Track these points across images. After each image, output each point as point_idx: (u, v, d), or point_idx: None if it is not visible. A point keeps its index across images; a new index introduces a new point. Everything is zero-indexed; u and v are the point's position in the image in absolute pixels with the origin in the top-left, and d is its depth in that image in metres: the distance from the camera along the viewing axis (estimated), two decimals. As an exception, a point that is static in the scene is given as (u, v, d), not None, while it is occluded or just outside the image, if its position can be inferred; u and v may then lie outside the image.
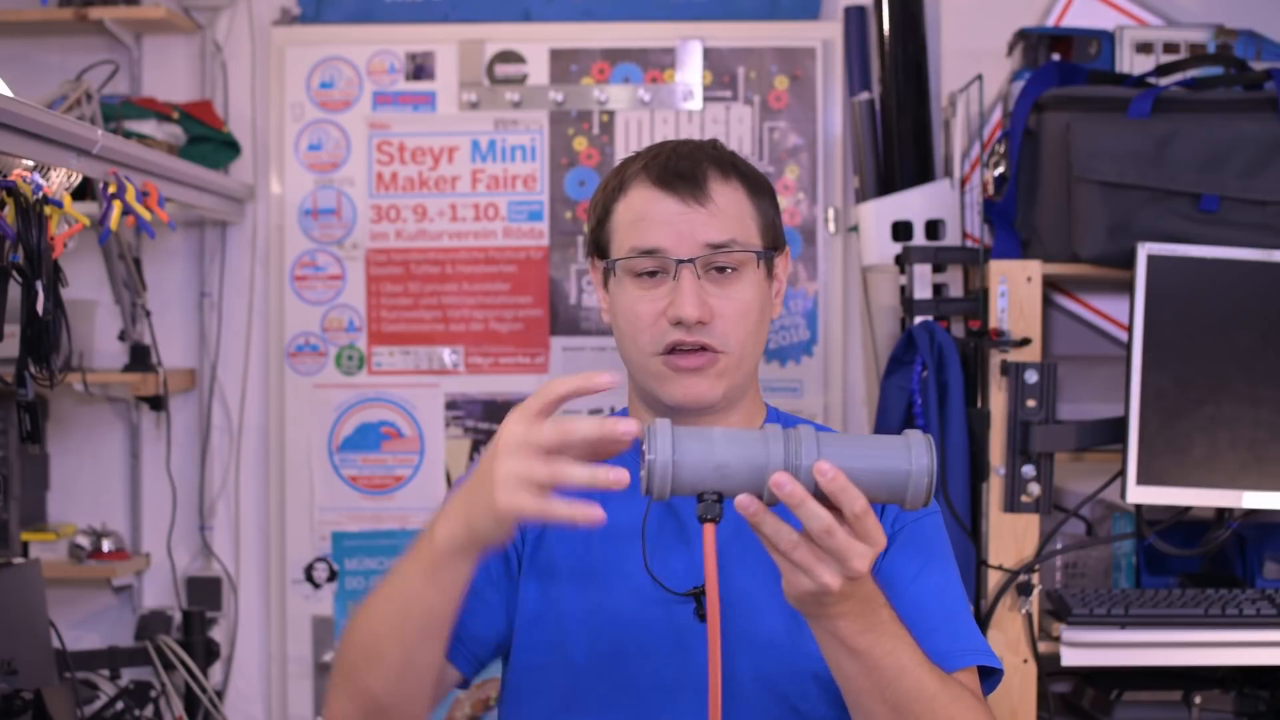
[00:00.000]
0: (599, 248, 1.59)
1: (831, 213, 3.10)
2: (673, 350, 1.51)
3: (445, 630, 1.36)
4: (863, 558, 1.21)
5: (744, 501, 1.19)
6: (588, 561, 1.53)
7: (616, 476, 1.20)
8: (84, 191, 2.39)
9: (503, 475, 1.23)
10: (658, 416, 1.56)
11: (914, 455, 1.22)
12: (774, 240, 1.58)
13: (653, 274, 1.53)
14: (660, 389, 1.53)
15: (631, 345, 1.54)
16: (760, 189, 1.58)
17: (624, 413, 1.64)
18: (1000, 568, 2.39)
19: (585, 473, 1.22)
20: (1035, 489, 2.37)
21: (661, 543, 1.52)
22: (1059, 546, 2.57)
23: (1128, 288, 2.36)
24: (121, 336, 3.08)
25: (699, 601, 1.50)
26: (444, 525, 1.30)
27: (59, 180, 2.14)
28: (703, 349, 1.52)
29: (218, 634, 3.11)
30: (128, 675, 2.95)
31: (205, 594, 3.16)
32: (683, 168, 1.54)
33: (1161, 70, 2.53)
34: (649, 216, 1.52)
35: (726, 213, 1.53)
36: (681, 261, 1.50)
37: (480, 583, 1.49)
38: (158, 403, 3.07)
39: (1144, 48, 2.67)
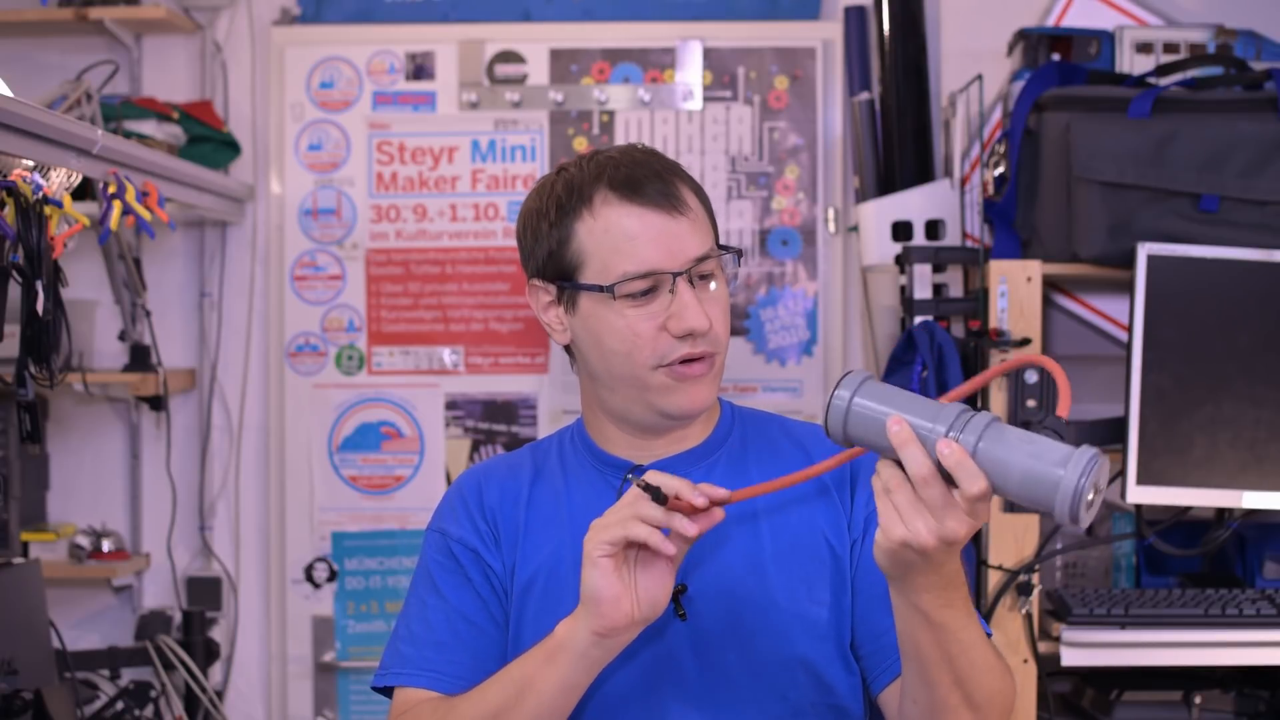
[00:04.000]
0: (560, 271, 1.54)
1: (831, 213, 3.10)
2: (678, 362, 1.51)
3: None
4: (961, 523, 1.23)
5: (893, 421, 1.23)
6: (560, 573, 1.54)
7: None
8: (84, 191, 2.38)
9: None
10: (632, 433, 1.58)
11: (1070, 468, 1.17)
12: (718, 230, 1.59)
13: (646, 291, 1.51)
14: (661, 400, 1.53)
15: (626, 362, 1.52)
16: (697, 185, 1.59)
17: (579, 423, 1.64)
18: (1000, 568, 2.39)
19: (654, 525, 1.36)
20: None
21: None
22: (1059, 546, 2.57)
23: (1128, 288, 2.36)
24: (121, 336, 3.08)
25: (677, 600, 1.51)
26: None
27: (59, 180, 2.14)
28: (702, 356, 1.53)
29: (218, 634, 3.11)
30: (128, 675, 2.96)
31: (205, 594, 3.16)
32: (647, 175, 1.52)
33: (1161, 70, 2.53)
34: (637, 236, 1.50)
35: (697, 218, 1.53)
36: (678, 275, 1.50)
37: (476, 615, 1.56)
38: (158, 403, 3.07)
39: (1144, 48, 2.67)
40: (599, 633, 1.37)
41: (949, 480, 1.22)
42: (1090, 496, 1.18)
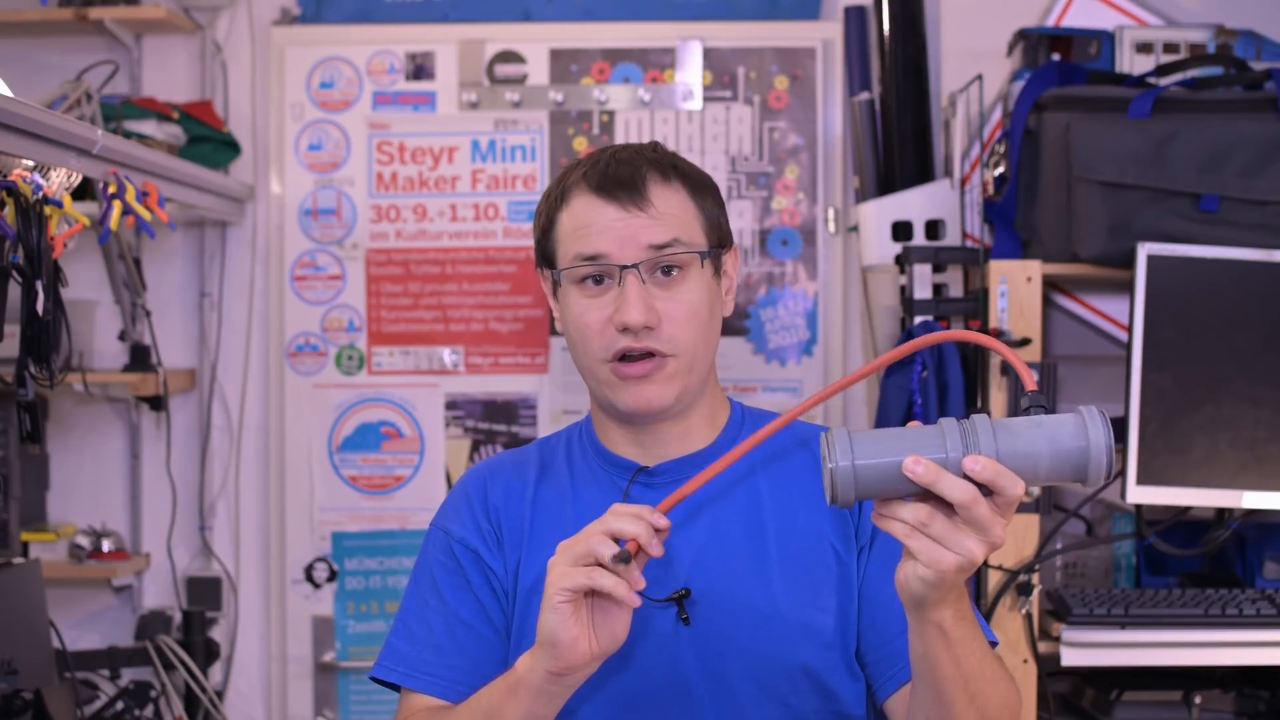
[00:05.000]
0: (546, 258, 1.59)
1: (831, 213, 3.10)
2: (621, 358, 1.51)
3: None
4: (1003, 527, 1.24)
5: (911, 463, 1.21)
6: None
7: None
8: (84, 191, 2.38)
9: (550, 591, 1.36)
10: (616, 423, 1.58)
11: (1091, 434, 1.21)
12: (719, 238, 1.58)
13: (599, 281, 1.52)
14: (613, 396, 1.54)
15: (583, 354, 1.54)
16: (702, 188, 1.58)
17: (588, 421, 1.64)
18: (1000, 568, 2.39)
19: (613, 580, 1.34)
20: (1035, 489, 2.37)
21: None
22: (1059, 546, 2.57)
23: (1128, 288, 2.36)
24: (121, 336, 3.08)
25: (680, 606, 1.51)
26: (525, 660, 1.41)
27: (59, 180, 2.14)
28: (649, 354, 1.51)
29: (218, 634, 3.11)
30: (128, 675, 2.96)
31: (205, 594, 3.16)
32: (622, 173, 1.53)
33: (1161, 70, 2.53)
34: (591, 224, 1.52)
35: (668, 215, 1.52)
36: (625, 267, 1.50)
37: (474, 619, 1.56)
38: (158, 403, 3.07)
39: (1144, 48, 2.67)
40: (555, 673, 1.37)
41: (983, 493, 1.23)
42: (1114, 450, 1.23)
